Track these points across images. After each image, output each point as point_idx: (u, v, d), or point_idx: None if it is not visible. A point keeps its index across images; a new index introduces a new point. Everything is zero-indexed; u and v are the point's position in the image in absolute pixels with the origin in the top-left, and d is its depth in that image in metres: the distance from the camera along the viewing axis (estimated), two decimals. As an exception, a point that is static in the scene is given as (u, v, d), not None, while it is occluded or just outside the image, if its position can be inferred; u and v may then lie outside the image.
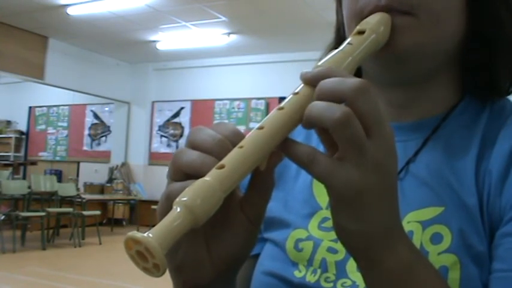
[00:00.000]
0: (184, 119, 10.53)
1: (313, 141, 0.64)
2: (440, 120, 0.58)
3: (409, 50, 0.53)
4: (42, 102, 12.17)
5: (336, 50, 0.46)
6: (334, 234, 0.43)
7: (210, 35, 8.57)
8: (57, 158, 12.05)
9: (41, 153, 12.27)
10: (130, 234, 0.35)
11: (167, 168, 0.43)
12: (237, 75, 9.90)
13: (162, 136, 10.74)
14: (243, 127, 9.36)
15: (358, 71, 0.62)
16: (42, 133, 12.33)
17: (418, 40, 0.53)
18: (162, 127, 10.76)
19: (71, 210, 8.14)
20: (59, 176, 11.01)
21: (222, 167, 0.38)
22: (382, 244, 0.42)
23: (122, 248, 0.38)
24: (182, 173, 0.41)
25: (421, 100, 0.60)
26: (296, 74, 0.46)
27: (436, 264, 0.48)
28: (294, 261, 0.58)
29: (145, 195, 9.97)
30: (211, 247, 0.45)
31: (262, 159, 0.41)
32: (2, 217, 7.21)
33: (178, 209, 0.36)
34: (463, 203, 0.52)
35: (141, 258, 0.36)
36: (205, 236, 0.45)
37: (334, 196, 0.40)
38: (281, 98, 5.83)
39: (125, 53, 9.98)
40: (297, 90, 0.42)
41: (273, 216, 0.61)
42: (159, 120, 10.80)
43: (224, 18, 7.75)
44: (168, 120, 10.71)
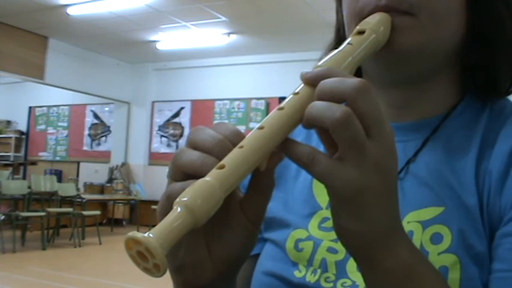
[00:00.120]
0: (184, 119, 10.53)
1: (313, 141, 0.64)
2: (441, 120, 0.58)
3: (409, 50, 0.53)
4: (42, 102, 12.17)
5: (336, 50, 0.46)
6: (334, 234, 0.43)
7: (210, 35, 8.56)
8: (57, 158, 12.05)
9: (41, 153, 12.27)
10: (131, 234, 0.35)
11: (167, 168, 0.43)
12: (237, 75, 9.89)
13: (162, 136, 10.74)
14: (243, 127, 9.36)
15: (358, 71, 0.62)
16: (42, 133, 12.33)
17: (418, 40, 0.53)
18: (162, 127, 10.76)
19: (71, 210, 8.14)
20: (59, 176, 11.01)
21: (222, 167, 0.38)
22: (382, 244, 0.42)
23: (122, 248, 0.38)
24: (182, 173, 0.41)
25: (421, 100, 0.59)
26: (296, 74, 0.46)
27: (436, 264, 0.48)
28: (294, 261, 0.58)
29: (145, 196, 9.97)
30: (211, 247, 0.45)
31: (263, 159, 0.41)
32: (2, 217, 7.21)
33: (179, 209, 0.36)
34: (463, 203, 0.52)
35: (142, 258, 0.36)
36: (206, 236, 0.45)
37: (334, 196, 0.40)
38: (281, 98, 5.83)
39: (125, 53, 9.98)
40: (297, 90, 0.42)
41: (273, 216, 0.61)
42: (159, 120, 10.79)
43: (224, 18, 7.75)
44: (168, 120, 10.71)
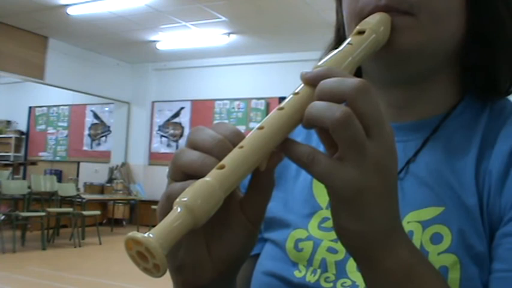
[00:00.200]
0: (184, 119, 10.53)
1: (313, 141, 0.64)
2: (441, 120, 0.58)
3: (409, 50, 0.53)
4: (42, 102, 12.17)
5: (336, 50, 0.46)
6: (334, 234, 0.43)
7: (210, 35, 8.56)
8: (57, 158, 12.05)
9: (41, 153, 12.27)
10: (131, 234, 0.35)
11: (167, 168, 0.43)
12: (237, 75, 9.89)
13: (162, 136, 10.73)
14: (243, 127, 9.36)
15: (358, 71, 0.62)
16: (42, 133, 12.33)
17: (418, 40, 0.53)
18: (162, 127, 10.76)
19: (71, 210, 8.14)
20: (59, 176, 11.01)
21: (222, 167, 0.38)
22: (382, 244, 0.42)
23: (121, 248, 0.38)
24: (182, 173, 0.41)
25: (421, 100, 0.59)
26: (296, 74, 0.46)
27: (436, 264, 0.48)
28: (294, 261, 0.58)
29: (145, 196, 9.97)
30: (211, 247, 0.45)
31: (262, 159, 0.40)
32: (2, 217, 7.21)
33: (179, 209, 0.36)
34: (463, 203, 0.52)
35: (142, 258, 0.36)
36: (206, 236, 0.45)
37: (334, 196, 0.40)
38: (281, 98, 5.83)
39: (125, 53, 9.98)
40: (297, 90, 0.42)
41: (273, 216, 0.61)
42: (159, 120, 10.79)
43: (224, 18, 7.75)
44: (168, 120, 10.71)
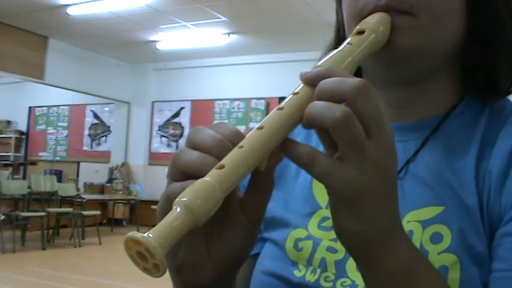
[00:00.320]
0: (184, 119, 10.53)
1: (313, 141, 0.64)
2: (441, 120, 0.58)
3: (409, 50, 0.53)
4: (42, 102, 12.17)
5: (336, 50, 0.46)
6: (334, 234, 0.43)
7: (210, 35, 8.56)
8: (57, 158, 12.05)
9: (41, 153, 12.27)
10: (131, 234, 0.35)
11: (167, 168, 0.43)
12: (237, 75, 9.89)
13: (162, 136, 10.73)
14: (243, 127, 9.36)
15: (358, 71, 0.62)
16: (42, 133, 12.33)
17: (418, 40, 0.53)
18: (162, 127, 10.76)
19: (71, 210, 8.14)
20: (59, 176, 11.01)
21: (222, 167, 0.38)
22: (382, 244, 0.42)
23: (121, 248, 0.38)
24: (182, 173, 0.41)
25: (421, 100, 0.59)
26: (296, 74, 0.46)
27: (436, 263, 0.48)
28: (293, 260, 0.58)
29: (145, 196, 9.97)
30: (211, 247, 0.45)
31: (262, 159, 0.40)
32: (2, 217, 7.21)
33: (179, 209, 0.36)
34: (463, 203, 0.52)
35: (141, 258, 0.36)
36: (205, 236, 0.45)
37: (334, 196, 0.40)
38: (281, 98, 5.83)
39: (124, 53, 9.98)
40: (296, 90, 0.42)
41: (272, 216, 0.61)
42: (159, 120, 10.79)
43: (224, 18, 7.75)
44: (168, 120, 10.71)
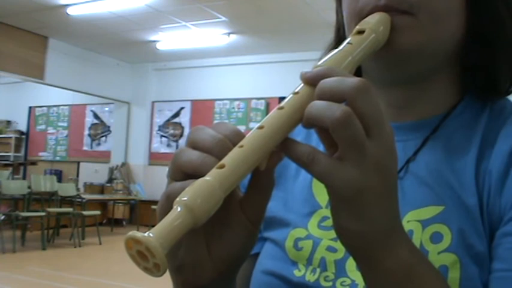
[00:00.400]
0: (184, 119, 10.53)
1: (313, 141, 0.64)
2: (441, 119, 0.58)
3: (409, 50, 0.53)
4: (42, 102, 12.17)
5: (336, 50, 0.46)
6: (334, 233, 0.43)
7: (210, 35, 8.56)
8: (57, 158, 12.05)
9: (41, 153, 12.27)
10: (131, 233, 0.35)
11: (167, 168, 0.43)
12: (237, 75, 9.89)
13: (162, 136, 10.73)
14: (243, 127, 9.35)
15: (358, 71, 0.62)
16: (42, 133, 12.33)
17: (418, 40, 0.53)
18: (162, 127, 10.76)
19: (71, 210, 8.14)
20: (59, 176, 11.01)
21: (222, 167, 0.38)
22: (382, 244, 0.42)
23: (121, 248, 0.38)
24: (182, 172, 0.41)
25: (421, 100, 0.59)
26: (296, 74, 0.46)
27: (436, 263, 0.48)
28: (293, 260, 0.58)
29: (145, 196, 9.97)
30: (211, 247, 0.45)
31: (262, 159, 0.40)
32: (2, 217, 7.21)
33: (179, 208, 0.36)
34: (463, 202, 0.52)
35: (142, 257, 0.36)
36: (206, 236, 0.45)
37: (334, 196, 0.40)
38: (281, 98, 5.83)
39: (124, 53, 9.98)
40: (297, 90, 0.42)
41: (272, 215, 0.61)
42: (159, 120, 10.79)
43: (224, 18, 7.75)
44: (168, 120, 10.71)
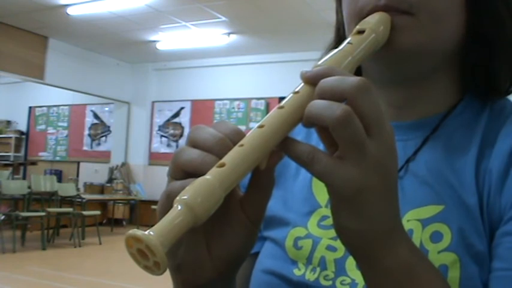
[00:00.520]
0: (184, 119, 10.52)
1: (313, 140, 0.64)
2: (441, 119, 0.58)
3: (409, 50, 0.53)
4: (42, 102, 12.17)
5: (336, 50, 0.46)
6: (334, 232, 0.43)
7: (210, 35, 8.56)
8: (57, 158, 12.04)
9: (41, 153, 12.26)
10: (131, 232, 0.35)
11: (167, 168, 0.43)
12: (237, 75, 9.89)
13: (162, 136, 10.73)
14: (243, 127, 9.34)
15: (358, 71, 0.63)
16: (42, 133, 12.32)
17: (418, 39, 0.53)
18: (162, 127, 10.76)
19: (71, 210, 8.14)
20: (59, 176, 11.00)
21: (222, 166, 0.38)
22: (382, 243, 0.42)
23: (121, 248, 0.39)
24: (183, 171, 0.41)
25: (421, 99, 0.60)
26: (296, 74, 0.46)
27: (436, 262, 0.48)
28: (293, 259, 0.58)
29: (145, 195, 9.97)
30: (211, 246, 0.45)
31: (263, 158, 0.40)
32: (2, 217, 7.21)
33: (179, 207, 0.36)
34: (463, 202, 0.52)
35: (142, 256, 0.36)
36: (206, 235, 0.45)
37: (334, 195, 0.41)
38: (281, 98, 5.81)
39: (125, 53, 9.98)
40: (297, 89, 0.42)
41: (272, 214, 0.61)
42: (159, 120, 10.79)
43: (224, 18, 7.74)
44: (168, 120, 10.70)
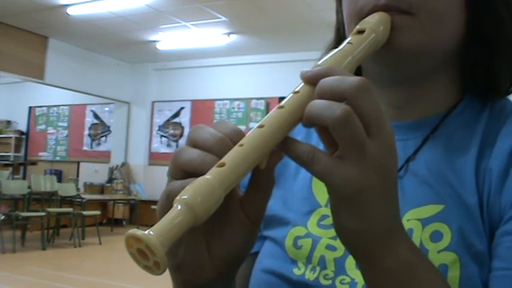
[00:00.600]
0: (184, 119, 10.53)
1: (313, 140, 0.64)
2: (441, 119, 0.58)
3: (409, 49, 0.53)
4: (42, 102, 12.17)
5: (336, 50, 0.46)
6: (333, 232, 0.43)
7: (210, 35, 8.56)
8: (57, 158, 12.05)
9: (41, 153, 12.26)
10: (131, 232, 0.35)
11: (167, 168, 0.43)
12: (237, 75, 9.89)
13: (162, 136, 10.73)
14: (243, 127, 9.34)
15: (358, 71, 0.63)
16: (42, 133, 12.32)
17: (418, 39, 0.53)
18: (162, 127, 10.76)
19: (71, 210, 8.14)
20: (59, 176, 11.01)
21: (222, 165, 0.38)
22: (382, 243, 0.42)
23: (121, 248, 0.39)
24: (182, 171, 0.41)
25: (421, 99, 0.60)
26: (296, 74, 0.46)
27: (435, 262, 0.48)
28: (293, 258, 0.58)
29: (145, 195, 9.97)
30: (211, 246, 0.45)
31: (263, 158, 0.41)
32: (2, 217, 7.21)
33: (179, 206, 0.36)
34: (463, 201, 0.52)
35: (142, 256, 0.36)
36: (206, 235, 0.45)
37: (334, 195, 0.41)
38: (281, 98, 5.81)
39: (125, 53, 9.98)
40: (297, 89, 0.42)
41: (272, 214, 0.61)
42: (159, 120, 10.79)
43: (224, 18, 7.74)
44: (168, 120, 10.71)
